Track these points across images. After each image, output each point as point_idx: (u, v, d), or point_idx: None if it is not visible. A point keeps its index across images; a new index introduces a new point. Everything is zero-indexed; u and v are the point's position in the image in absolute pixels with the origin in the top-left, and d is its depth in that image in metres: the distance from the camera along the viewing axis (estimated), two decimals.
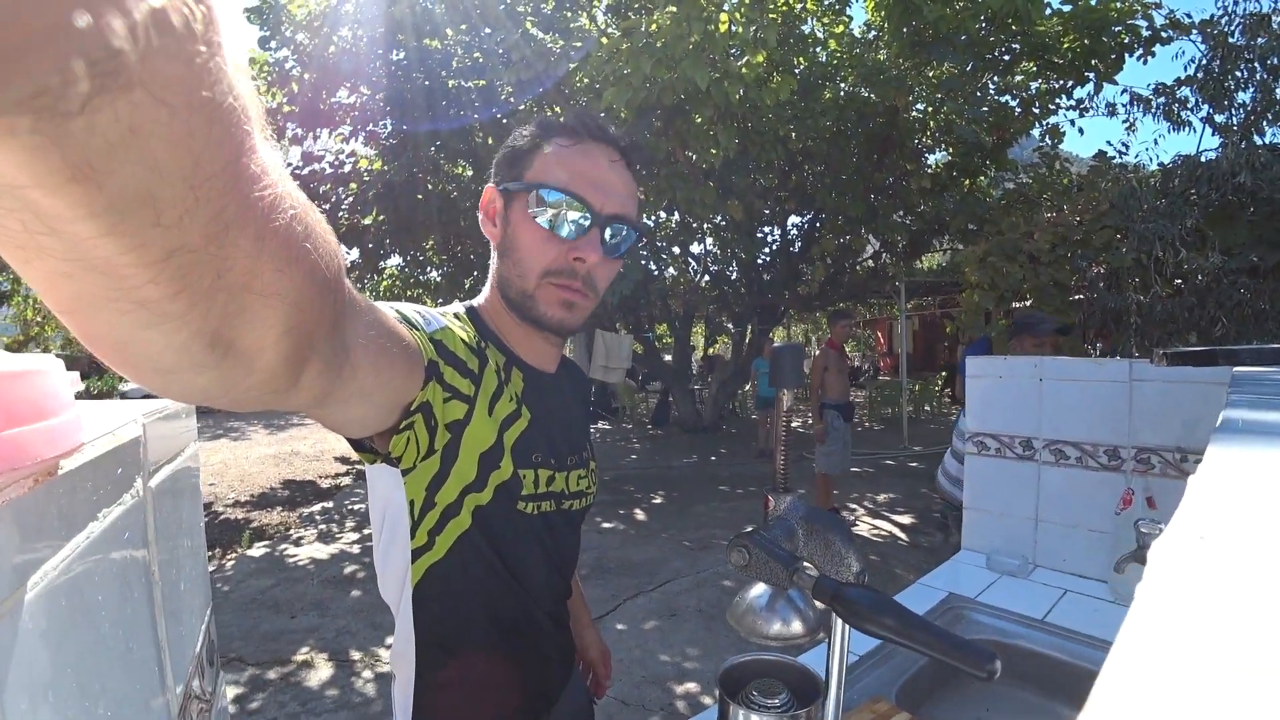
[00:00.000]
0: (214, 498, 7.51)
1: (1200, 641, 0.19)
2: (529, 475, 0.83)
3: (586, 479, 0.96)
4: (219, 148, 0.25)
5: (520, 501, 0.82)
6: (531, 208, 0.80)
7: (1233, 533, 0.28)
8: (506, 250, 0.85)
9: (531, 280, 0.82)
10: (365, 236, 7.96)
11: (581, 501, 0.95)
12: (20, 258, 0.25)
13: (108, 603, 0.52)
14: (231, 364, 0.33)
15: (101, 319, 0.28)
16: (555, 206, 0.79)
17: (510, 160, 0.86)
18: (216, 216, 0.26)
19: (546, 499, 0.86)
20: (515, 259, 0.83)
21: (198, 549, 0.94)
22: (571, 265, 0.82)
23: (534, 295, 0.83)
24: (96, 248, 0.23)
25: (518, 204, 0.83)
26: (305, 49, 7.35)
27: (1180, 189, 5.06)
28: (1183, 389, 1.58)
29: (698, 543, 5.40)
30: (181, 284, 0.27)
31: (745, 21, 5.43)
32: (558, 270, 0.82)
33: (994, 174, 8.45)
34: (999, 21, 6.80)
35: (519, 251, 0.83)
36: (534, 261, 0.82)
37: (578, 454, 0.95)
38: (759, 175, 8.29)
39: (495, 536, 0.81)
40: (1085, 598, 1.59)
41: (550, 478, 0.87)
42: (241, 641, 3.70)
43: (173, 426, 0.84)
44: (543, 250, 0.81)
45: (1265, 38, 6.10)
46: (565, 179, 0.80)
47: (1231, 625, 0.20)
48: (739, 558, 0.64)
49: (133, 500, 0.60)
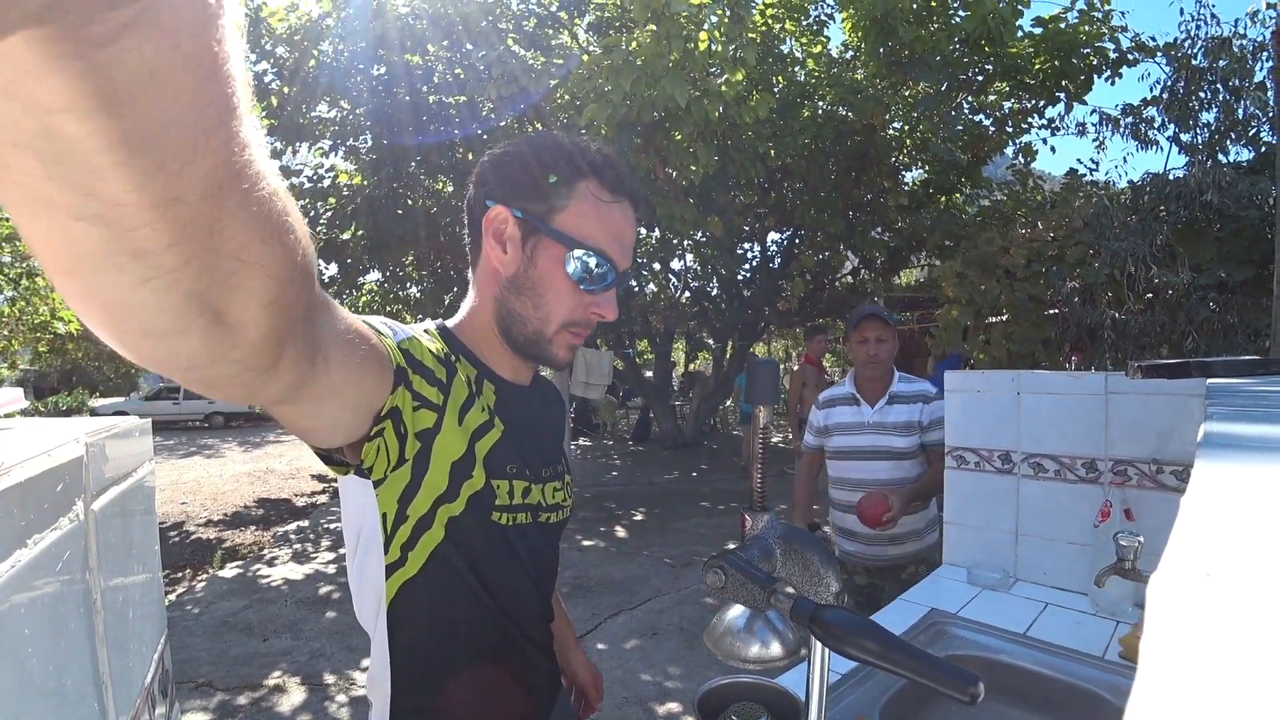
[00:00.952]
0: (186, 517, 7.33)
1: (1228, 704, 0.17)
2: (503, 485, 0.82)
3: (562, 492, 0.95)
4: (219, 105, 0.28)
5: (495, 512, 0.81)
6: (569, 265, 0.80)
7: (1241, 569, 0.26)
8: (525, 288, 0.82)
9: (551, 326, 0.83)
10: (344, 252, 7.88)
11: (558, 515, 0.94)
12: (29, 213, 0.27)
13: (37, 636, 0.48)
14: (219, 332, 0.35)
15: (99, 279, 0.30)
16: (592, 265, 0.80)
17: (535, 187, 0.81)
18: (212, 173, 0.29)
19: (522, 510, 0.85)
20: (537, 302, 0.82)
21: (151, 573, 0.90)
22: (589, 317, 0.84)
23: (551, 340, 0.84)
24: (107, 183, 0.26)
25: (549, 249, 0.80)
26: (285, 63, 7.30)
27: (1150, 206, 5.17)
28: (1157, 401, 1.59)
29: (679, 560, 5.36)
30: (178, 235, 0.29)
31: (725, 40, 5.49)
32: (576, 321, 0.83)
33: (969, 191, 8.59)
34: (973, 43, 6.95)
35: (543, 296, 0.82)
36: (558, 310, 0.82)
37: (552, 466, 0.93)
38: (739, 192, 8.36)
39: (470, 550, 0.80)
40: (1067, 611, 1.58)
41: (526, 489, 0.85)
42: (211, 666, 3.58)
43: (124, 446, 0.80)
44: (569, 301, 0.82)
45: (1227, 60, 6.30)
46: (603, 241, 0.81)
47: (1262, 687, 0.18)
48: (715, 579, 0.61)
49: (71, 524, 0.57)
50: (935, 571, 1.89)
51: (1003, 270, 5.24)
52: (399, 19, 6.74)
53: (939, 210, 8.49)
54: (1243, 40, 6.50)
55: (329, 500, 8.32)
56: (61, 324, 10.64)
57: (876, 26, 6.86)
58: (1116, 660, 1.31)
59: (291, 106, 7.37)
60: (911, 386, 2.32)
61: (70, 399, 21.84)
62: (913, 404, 2.27)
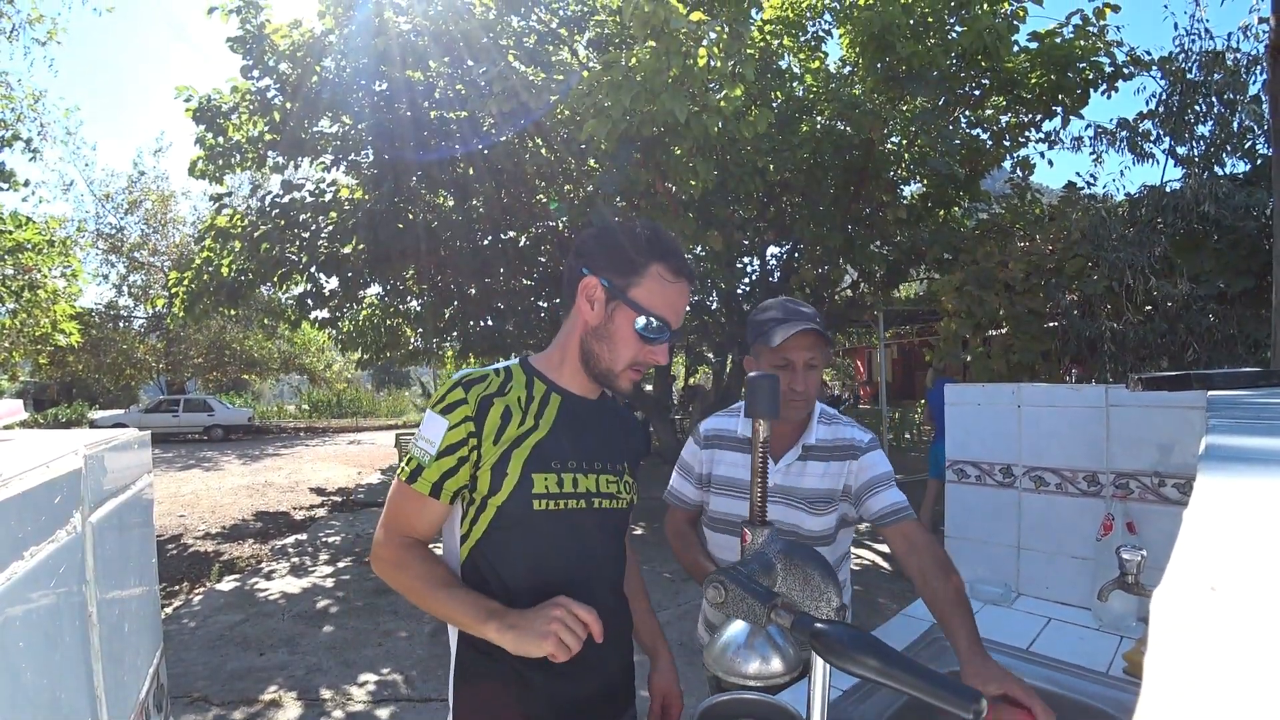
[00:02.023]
0: (184, 529, 7.29)
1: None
2: (541, 479, 1.08)
3: (618, 484, 1.18)
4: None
5: (536, 501, 1.07)
6: (638, 325, 1.10)
7: (1246, 583, 0.25)
8: (603, 336, 1.12)
9: (620, 365, 1.13)
10: (345, 265, 7.90)
11: (614, 503, 1.17)
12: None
13: (32, 649, 0.48)
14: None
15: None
16: (654, 328, 1.11)
17: (621, 262, 1.11)
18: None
19: (570, 498, 1.10)
20: (610, 347, 1.12)
21: (148, 586, 0.89)
22: (647, 360, 1.13)
23: (619, 375, 1.14)
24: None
25: (625, 311, 1.10)
26: (288, 78, 7.35)
27: (1147, 218, 5.20)
28: (1158, 413, 1.58)
29: (678, 574, 5.32)
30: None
31: (723, 56, 5.53)
32: (637, 362, 1.13)
33: (968, 204, 8.62)
34: (969, 58, 7.01)
35: (615, 343, 1.12)
36: (626, 354, 1.12)
37: (608, 463, 1.17)
38: (738, 206, 8.39)
39: (515, 528, 1.08)
40: (1070, 626, 1.57)
41: (574, 480, 1.11)
42: (206, 680, 3.55)
43: (123, 458, 0.80)
44: (634, 349, 1.12)
45: (1221, 73, 6.35)
46: (664, 309, 1.11)
47: (1268, 704, 0.18)
48: (715, 594, 0.61)
49: (69, 537, 0.56)
50: None
51: (1002, 283, 5.26)
52: (401, 36, 6.80)
53: (938, 224, 8.52)
54: (1236, 54, 6.56)
55: (328, 514, 8.28)
56: (62, 336, 10.64)
57: (874, 42, 6.92)
58: (1121, 676, 1.30)
59: (294, 122, 7.41)
60: (836, 431, 1.55)
61: (70, 411, 21.80)
62: (836, 460, 1.52)
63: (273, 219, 7.94)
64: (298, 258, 7.86)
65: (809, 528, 1.50)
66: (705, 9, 6.76)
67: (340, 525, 7.65)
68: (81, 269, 11.56)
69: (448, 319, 10.17)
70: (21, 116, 10.61)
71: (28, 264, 9.96)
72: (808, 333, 1.43)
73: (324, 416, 25.99)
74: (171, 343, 21.23)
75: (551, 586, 1.05)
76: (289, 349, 22.92)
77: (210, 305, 8.57)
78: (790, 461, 1.53)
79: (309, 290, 8.59)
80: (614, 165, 5.94)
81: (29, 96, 11.05)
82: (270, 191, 8.40)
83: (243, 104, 7.61)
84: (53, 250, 10.47)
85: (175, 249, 20.53)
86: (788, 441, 1.54)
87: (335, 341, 12.02)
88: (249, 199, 9.46)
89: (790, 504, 1.52)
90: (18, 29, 10.05)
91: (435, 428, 1.07)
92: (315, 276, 8.33)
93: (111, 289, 21.16)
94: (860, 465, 1.50)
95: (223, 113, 7.69)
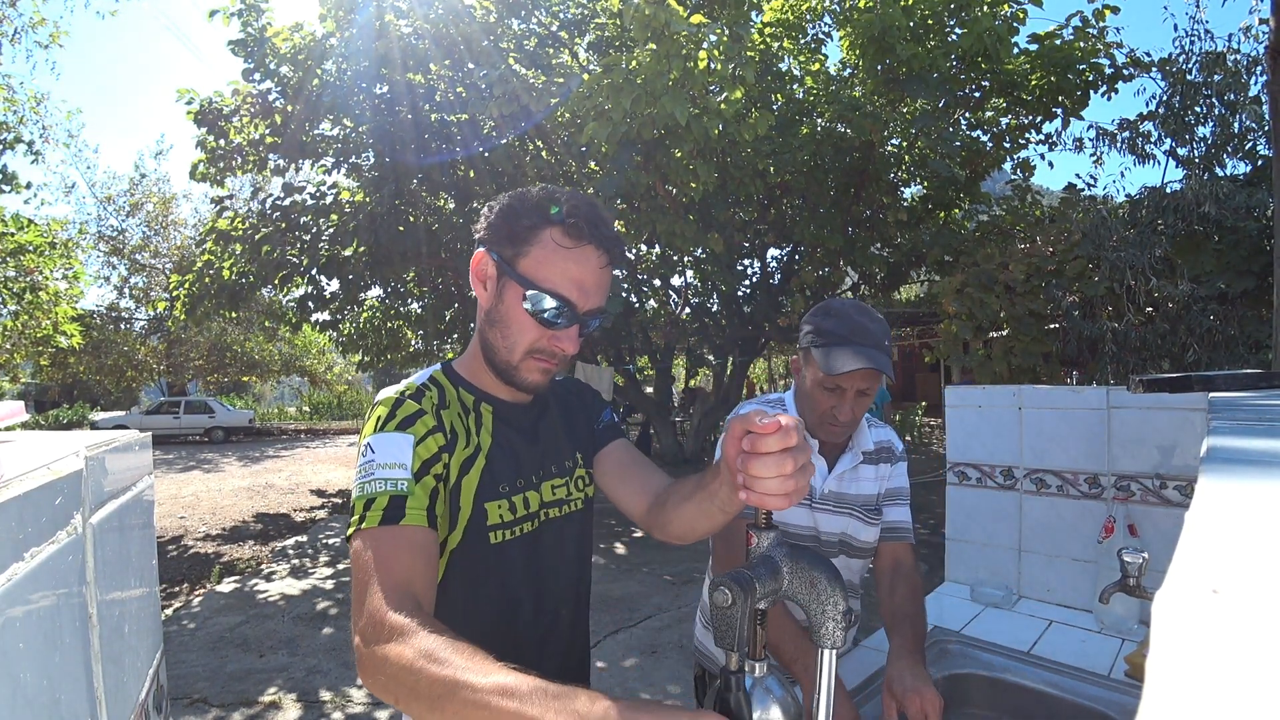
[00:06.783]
0: (184, 531, 7.29)
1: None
2: (494, 507, 0.92)
3: (566, 485, 1.03)
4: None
5: (492, 534, 0.92)
6: (524, 302, 0.89)
7: (1248, 585, 0.25)
8: (495, 321, 0.93)
9: (516, 355, 0.93)
10: (346, 268, 7.91)
11: (566, 507, 1.02)
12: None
13: (32, 650, 0.48)
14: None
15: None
16: (545, 306, 0.89)
17: (510, 234, 0.90)
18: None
19: (524, 521, 0.95)
20: (503, 333, 0.92)
21: (149, 587, 0.89)
22: (551, 348, 0.92)
23: (517, 367, 0.94)
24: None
25: (512, 288, 0.90)
26: (289, 81, 7.37)
27: (1148, 219, 5.20)
28: (1159, 415, 1.58)
29: (679, 577, 5.32)
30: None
31: (724, 59, 5.53)
32: (539, 350, 0.92)
33: (968, 206, 8.63)
34: (969, 60, 7.02)
35: (508, 328, 0.92)
36: (520, 340, 0.92)
37: (553, 464, 1.02)
38: (738, 209, 8.40)
39: (472, 570, 0.92)
40: (1072, 628, 1.56)
41: (524, 500, 0.96)
42: (206, 682, 3.55)
43: (124, 460, 0.80)
44: (530, 334, 0.91)
45: (1221, 75, 6.35)
46: (557, 283, 0.88)
47: (1270, 707, 0.18)
48: (722, 598, 0.61)
49: (69, 538, 0.56)
50: (937, 589, 1.87)
51: (1002, 285, 5.25)
52: (401, 39, 6.81)
53: (938, 226, 8.53)
54: (1236, 55, 6.56)
55: (328, 516, 8.28)
56: (64, 338, 10.65)
57: (874, 44, 6.93)
58: (1122, 679, 1.30)
59: (295, 125, 7.43)
60: (879, 433, 1.51)
61: (71, 413, 21.81)
62: (883, 463, 1.48)
63: (274, 222, 7.95)
64: (299, 260, 7.87)
65: (862, 539, 1.41)
66: (705, 12, 6.78)
67: (340, 527, 7.65)
68: (83, 271, 11.55)
69: (448, 321, 10.19)
70: (24, 119, 10.63)
71: (29, 266, 9.97)
72: (870, 372, 1.26)
73: (324, 419, 26.00)
74: (172, 345, 21.23)
75: (509, 610, 0.95)
76: (290, 351, 22.91)
77: (211, 308, 8.58)
78: (846, 468, 1.42)
79: (310, 293, 8.61)
80: (615, 168, 5.94)
81: (31, 99, 11.09)
82: (271, 194, 8.43)
83: (244, 107, 7.63)
84: (54, 252, 10.47)
85: (176, 251, 20.54)
86: (838, 448, 1.44)
87: (336, 344, 12.04)
88: (250, 202, 9.47)
89: (844, 512, 1.42)
90: (20, 32, 10.08)
91: (397, 448, 0.85)
92: (316, 279, 8.34)
93: (113, 291, 21.18)
94: (893, 471, 1.47)
95: (224, 115, 7.71)
